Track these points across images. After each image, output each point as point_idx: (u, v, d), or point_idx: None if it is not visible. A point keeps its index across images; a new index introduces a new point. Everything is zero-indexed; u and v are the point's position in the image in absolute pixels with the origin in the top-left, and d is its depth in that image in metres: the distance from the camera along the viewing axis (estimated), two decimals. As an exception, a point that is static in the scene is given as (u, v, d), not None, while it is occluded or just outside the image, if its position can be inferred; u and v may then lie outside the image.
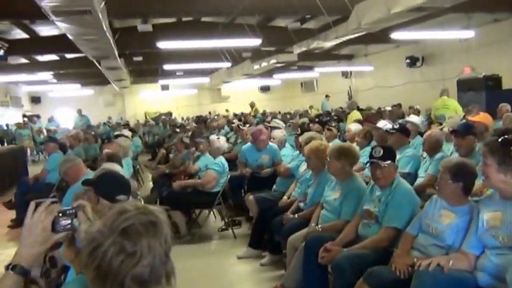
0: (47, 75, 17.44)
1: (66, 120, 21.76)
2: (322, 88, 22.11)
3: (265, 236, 5.09)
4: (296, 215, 4.54)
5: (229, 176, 6.46)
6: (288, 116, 17.25)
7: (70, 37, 8.42)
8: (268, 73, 19.37)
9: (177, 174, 6.88)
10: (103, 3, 7.01)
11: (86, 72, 16.95)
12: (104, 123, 20.32)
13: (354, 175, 4.06)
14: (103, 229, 1.27)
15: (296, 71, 20.63)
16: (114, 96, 24.85)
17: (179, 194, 6.06)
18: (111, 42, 9.37)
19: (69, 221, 1.55)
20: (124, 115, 24.94)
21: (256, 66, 15.28)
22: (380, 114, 12.32)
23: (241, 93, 24.51)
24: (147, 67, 18.00)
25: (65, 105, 22.88)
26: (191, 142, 7.00)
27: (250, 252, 5.21)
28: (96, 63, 12.21)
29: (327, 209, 4.11)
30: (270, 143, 6.55)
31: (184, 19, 12.21)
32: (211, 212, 6.89)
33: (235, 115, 18.10)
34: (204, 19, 12.25)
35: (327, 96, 19.23)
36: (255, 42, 10.81)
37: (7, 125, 18.43)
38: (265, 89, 26.18)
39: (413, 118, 7.18)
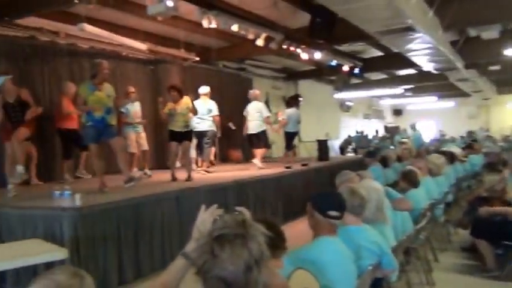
0: (402, 89, 18.36)
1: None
2: None
3: None
4: None
5: None
6: None
7: (402, 53, 8.90)
8: None
9: (494, 199, 6.29)
10: (430, 14, 7.15)
11: (443, 84, 16.99)
12: (461, 137, 19.84)
13: None
14: (206, 232, 1.59)
15: None
16: (478, 108, 23.85)
17: (485, 222, 5.57)
18: (447, 53, 9.29)
19: None
20: (488, 128, 23.64)
21: None
22: None
23: None
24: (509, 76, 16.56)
25: (424, 117, 23.41)
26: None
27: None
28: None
29: None
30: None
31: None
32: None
33: None
34: None
35: None
36: None
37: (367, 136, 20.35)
38: None
39: None
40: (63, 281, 1.44)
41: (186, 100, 7.73)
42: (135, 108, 8.93)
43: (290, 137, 10.80)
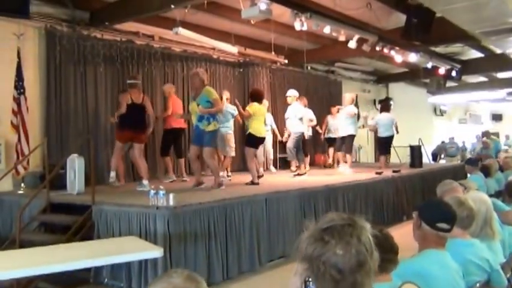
0: (505, 93, 17.28)
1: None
2: None
3: None
4: None
5: None
6: None
7: (507, 54, 8.35)
8: None
9: None
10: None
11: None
12: None
13: None
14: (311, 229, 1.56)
15: None
16: None
17: None
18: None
19: None
20: None
21: None
22: None
23: None
24: None
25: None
26: None
27: None
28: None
29: None
30: None
31: None
32: None
33: None
34: None
35: None
36: None
37: (463, 142, 19.33)
38: None
39: None
40: (179, 285, 1.46)
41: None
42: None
43: (384, 142, 10.55)
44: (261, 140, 8.15)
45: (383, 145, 10.63)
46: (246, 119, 8.08)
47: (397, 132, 10.44)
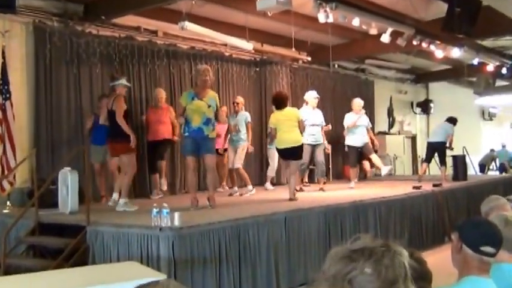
0: None
1: None
2: None
3: None
4: None
5: None
6: None
7: None
8: None
9: None
10: None
11: None
12: None
13: None
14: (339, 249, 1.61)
15: None
16: None
17: None
18: None
19: None
20: None
21: None
22: None
23: None
24: None
25: None
26: None
27: None
28: None
29: None
30: None
31: None
32: None
33: None
34: None
35: None
36: None
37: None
38: None
39: None
40: None
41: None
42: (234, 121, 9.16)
43: (430, 148, 10.57)
44: (285, 151, 7.84)
45: (429, 152, 10.65)
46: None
47: (450, 147, 10.55)
